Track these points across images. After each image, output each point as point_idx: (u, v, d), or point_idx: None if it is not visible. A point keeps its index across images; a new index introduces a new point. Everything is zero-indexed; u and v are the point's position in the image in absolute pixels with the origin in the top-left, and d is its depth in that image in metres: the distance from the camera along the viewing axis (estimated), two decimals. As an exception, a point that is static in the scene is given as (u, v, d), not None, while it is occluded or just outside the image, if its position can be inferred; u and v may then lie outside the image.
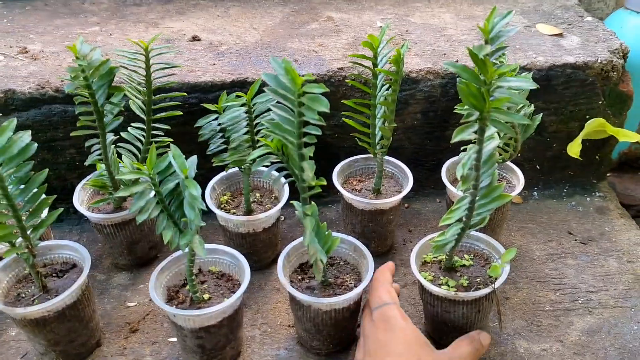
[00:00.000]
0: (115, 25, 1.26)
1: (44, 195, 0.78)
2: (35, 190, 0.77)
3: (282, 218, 1.17)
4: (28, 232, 0.78)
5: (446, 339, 0.88)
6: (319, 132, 0.67)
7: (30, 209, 0.77)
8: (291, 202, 0.82)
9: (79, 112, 0.82)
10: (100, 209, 1.00)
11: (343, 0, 1.38)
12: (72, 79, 0.77)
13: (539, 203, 1.23)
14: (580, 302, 0.99)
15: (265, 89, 0.69)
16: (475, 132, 0.72)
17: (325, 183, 0.72)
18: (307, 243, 0.77)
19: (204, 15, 1.30)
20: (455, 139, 0.71)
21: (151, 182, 0.74)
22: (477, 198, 0.78)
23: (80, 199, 1.01)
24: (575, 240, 1.13)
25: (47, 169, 0.78)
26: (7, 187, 0.73)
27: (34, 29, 1.24)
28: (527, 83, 0.68)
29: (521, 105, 0.90)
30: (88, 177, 1.03)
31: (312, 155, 0.70)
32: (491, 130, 0.72)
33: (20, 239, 0.78)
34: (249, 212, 1.01)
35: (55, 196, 0.81)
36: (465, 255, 0.89)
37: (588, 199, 1.24)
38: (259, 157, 0.75)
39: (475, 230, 0.87)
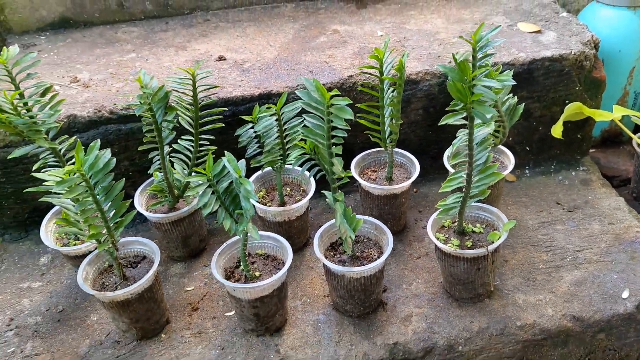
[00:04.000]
0: (148, 51, 1.44)
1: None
2: (116, 195, 0.95)
3: (310, 208, 1.34)
4: (112, 231, 0.96)
5: (454, 290, 1.09)
6: (345, 134, 0.85)
7: (113, 212, 0.96)
8: (322, 191, 1.01)
9: (146, 130, 1.00)
10: (156, 210, 1.18)
11: (345, 13, 1.56)
12: (141, 104, 0.95)
13: (531, 179, 1.40)
14: (568, 259, 1.17)
15: (299, 102, 0.87)
16: (465, 119, 0.90)
17: (351, 174, 0.90)
18: (339, 223, 0.95)
19: (225, 36, 1.48)
20: (442, 122, 0.89)
21: (211, 183, 0.93)
22: (473, 174, 0.96)
23: (140, 203, 1.19)
24: (563, 209, 1.30)
25: (124, 178, 0.96)
26: (96, 195, 0.92)
27: (78, 60, 1.43)
28: (497, 83, 0.85)
29: (505, 97, 1.08)
30: (143, 185, 1.21)
31: (339, 152, 0.88)
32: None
33: (105, 236, 0.96)
34: (282, 204, 1.19)
35: (131, 200, 0.99)
36: (477, 224, 1.08)
37: (573, 173, 1.42)
38: (296, 157, 0.93)
39: (486, 204, 1.06)
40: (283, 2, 1.60)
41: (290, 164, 1.08)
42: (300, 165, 0.98)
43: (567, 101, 1.36)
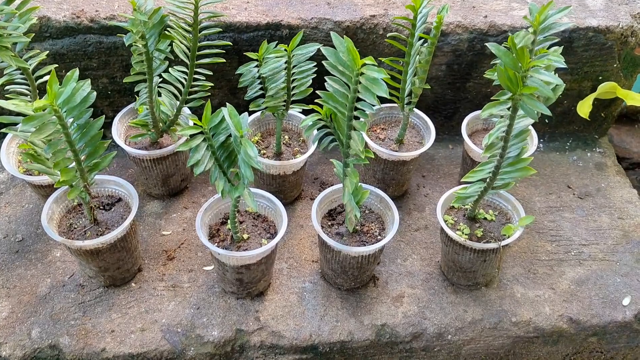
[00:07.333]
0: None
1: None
2: (94, 134, 0.81)
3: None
4: (86, 174, 0.83)
5: (452, 275, 1.02)
6: (373, 110, 0.72)
7: (89, 152, 0.82)
8: (331, 160, 0.89)
9: (135, 61, 0.84)
10: (137, 144, 1.05)
11: None
12: (133, 33, 0.79)
13: (544, 155, 1.31)
14: (572, 254, 1.10)
15: (324, 62, 0.72)
16: (508, 109, 0.79)
17: (373, 156, 0.78)
18: (346, 201, 0.84)
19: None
20: (484, 113, 0.78)
21: (206, 137, 0.79)
22: (502, 165, 0.85)
23: (118, 132, 1.05)
24: (574, 194, 1.22)
25: (104, 116, 0.82)
26: (70, 134, 0.78)
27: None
28: (556, 79, 0.73)
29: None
30: (123, 110, 1.06)
31: (363, 128, 0.76)
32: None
33: (78, 180, 0.84)
34: (279, 153, 1.07)
35: (110, 141, 0.86)
36: (490, 211, 0.98)
37: (589, 154, 1.32)
38: (313, 121, 0.79)
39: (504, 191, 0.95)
40: None
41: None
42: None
43: (600, 77, 1.24)
